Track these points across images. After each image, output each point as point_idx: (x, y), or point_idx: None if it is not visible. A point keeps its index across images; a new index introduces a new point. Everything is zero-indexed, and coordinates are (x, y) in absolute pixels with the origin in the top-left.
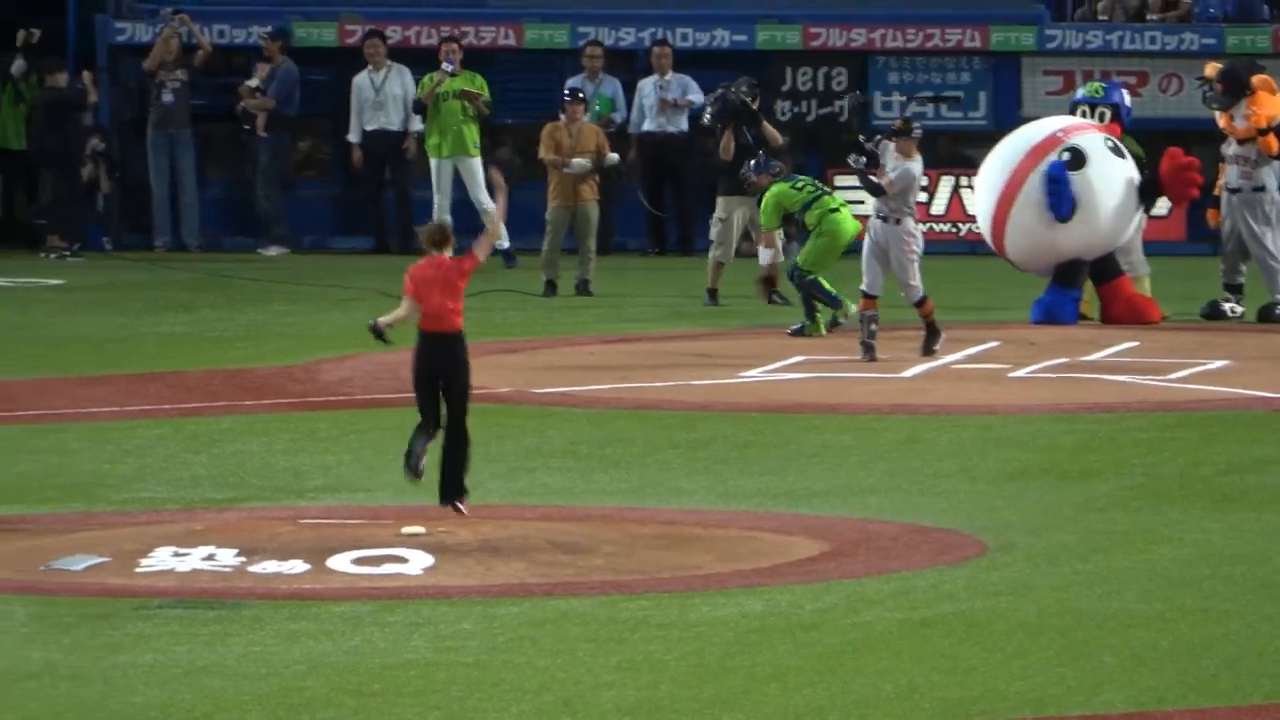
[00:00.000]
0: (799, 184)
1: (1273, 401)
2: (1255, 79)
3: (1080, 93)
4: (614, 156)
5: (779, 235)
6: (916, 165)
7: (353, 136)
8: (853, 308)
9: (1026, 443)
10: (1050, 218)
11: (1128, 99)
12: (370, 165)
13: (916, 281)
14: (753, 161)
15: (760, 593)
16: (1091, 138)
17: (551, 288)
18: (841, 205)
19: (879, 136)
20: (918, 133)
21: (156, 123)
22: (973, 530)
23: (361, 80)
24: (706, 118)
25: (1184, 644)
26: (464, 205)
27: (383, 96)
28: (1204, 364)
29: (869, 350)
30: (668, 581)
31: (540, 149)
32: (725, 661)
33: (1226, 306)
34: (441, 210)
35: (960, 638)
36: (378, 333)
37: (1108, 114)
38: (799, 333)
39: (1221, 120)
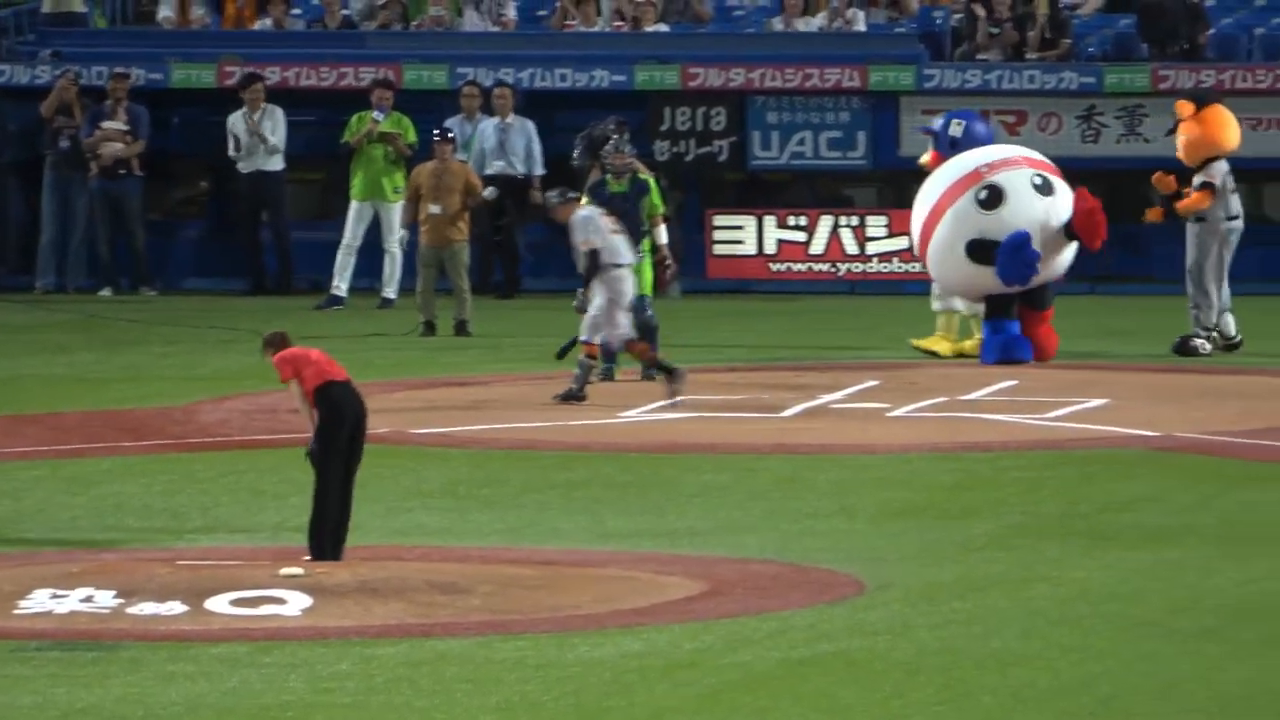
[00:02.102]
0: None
1: (1150, 439)
2: (1178, 103)
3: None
4: (489, 192)
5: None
6: (579, 215)
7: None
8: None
9: (905, 482)
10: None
11: (956, 129)
12: (248, 207)
13: (622, 325)
14: (553, 193)
15: (638, 633)
16: (1017, 174)
17: (430, 328)
18: None
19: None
20: (571, 195)
21: (53, 166)
22: (851, 570)
23: (236, 120)
24: (574, 158)
25: (1062, 683)
26: (373, 248)
27: (255, 140)
28: (1083, 402)
29: (577, 396)
30: (545, 622)
31: (406, 190)
32: (603, 702)
33: (1198, 343)
34: (348, 251)
35: (839, 677)
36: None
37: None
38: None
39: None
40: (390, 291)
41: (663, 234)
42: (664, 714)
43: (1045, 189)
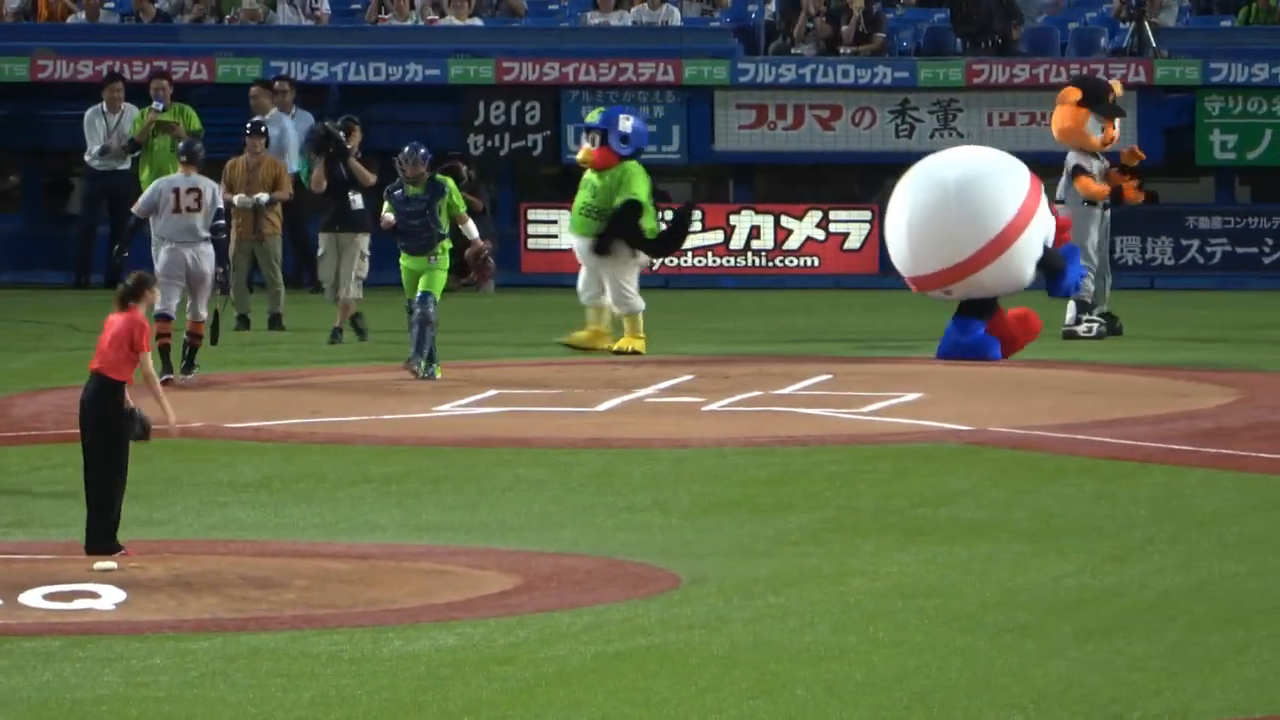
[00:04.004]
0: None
1: (964, 434)
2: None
3: (586, 119)
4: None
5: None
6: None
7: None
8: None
9: (720, 476)
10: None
11: (625, 124)
12: (91, 204)
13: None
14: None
15: (453, 627)
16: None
17: (244, 322)
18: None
19: None
20: None
21: None
22: (666, 564)
23: (92, 117)
24: (302, 151)
25: (877, 676)
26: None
27: (112, 139)
28: (897, 397)
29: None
30: (360, 616)
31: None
32: (418, 696)
33: (1081, 328)
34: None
35: (653, 671)
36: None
37: (598, 138)
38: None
39: (1108, 133)
40: None
41: (472, 229)
42: (479, 708)
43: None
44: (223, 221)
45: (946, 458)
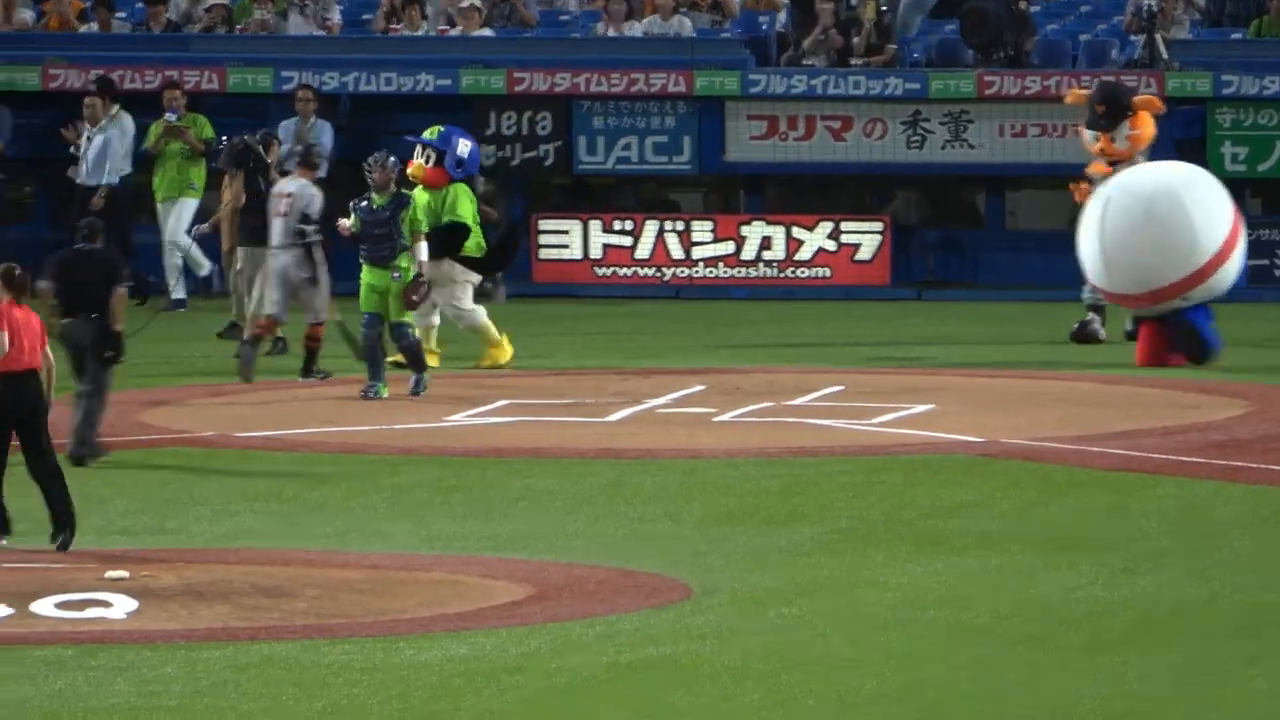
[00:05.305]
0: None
1: (974, 445)
2: (1137, 99)
3: (424, 135)
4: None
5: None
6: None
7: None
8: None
9: (732, 487)
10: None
11: (463, 148)
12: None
13: None
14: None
15: (465, 637)
16: None
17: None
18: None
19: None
20: None
21: None
22: (678, 574)
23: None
24: (221, 163)
25: (889, 688)
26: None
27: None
28: (908, 408)
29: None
30: (372, 626)
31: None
32: (429, 706)
33: (1095, 328)
34: (172, 250)
35: (665, 682)
36: None
37: (434, 156)
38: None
39: (1100, 143)
40: (180, 291)
41: (422, 250)
42: (491, 717)
43: None
44: (307, 226)
45: (958, 469)
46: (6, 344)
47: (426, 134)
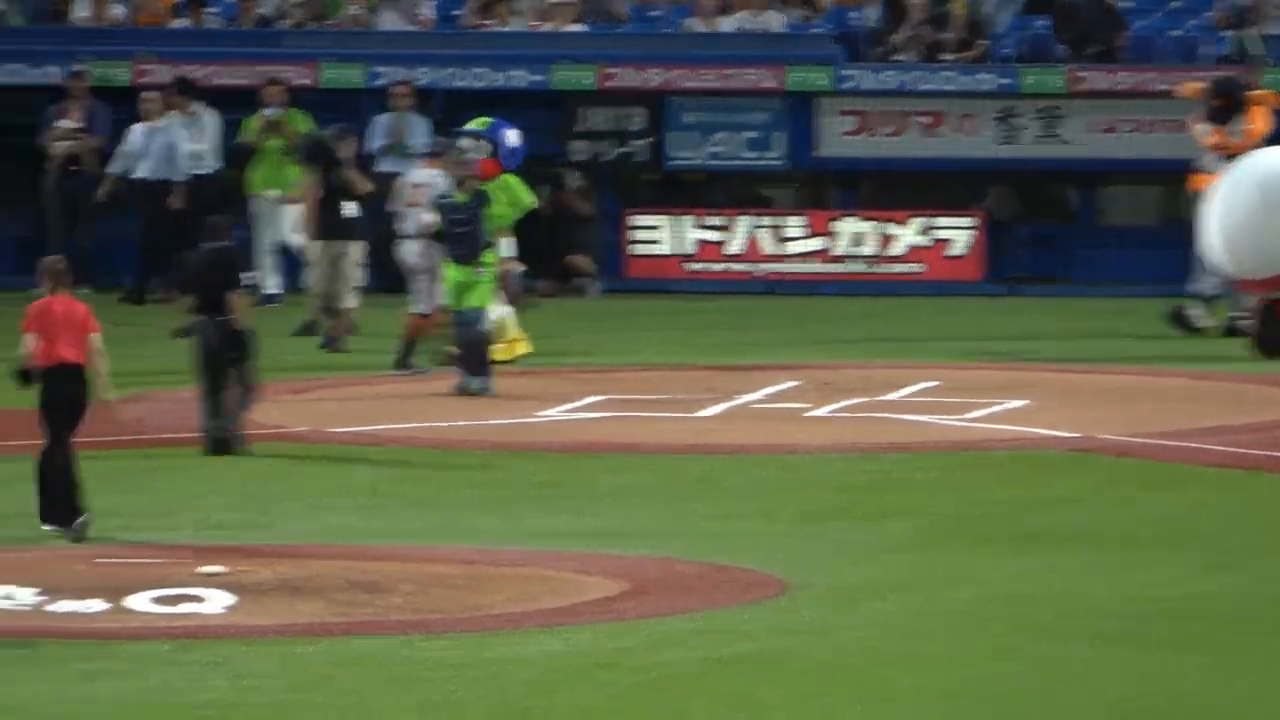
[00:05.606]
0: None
1: (1067, 441)
2: (1252, 94)
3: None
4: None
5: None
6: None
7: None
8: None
9: (824, 483)
10: None
11: (512, 139)
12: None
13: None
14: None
15: (559, 632)
16: None
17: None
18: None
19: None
20: None
21: None
22: (772, 570)
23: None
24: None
25: (983, 684)
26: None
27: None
28: (1002, 404)
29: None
30: (466, 621)
31: None
32: (524, 701)
33: (1191, 313)
34: (261, 252)
35: (760, 677)
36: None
37: (486, 148)
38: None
39: (1215, 136)
40: (274, 286)
41: (503, 247)
42: (585, 714)
43: None
44: (429, 219)
45: (1050, 465)
46: (31, 345)
47: (475, 124)
